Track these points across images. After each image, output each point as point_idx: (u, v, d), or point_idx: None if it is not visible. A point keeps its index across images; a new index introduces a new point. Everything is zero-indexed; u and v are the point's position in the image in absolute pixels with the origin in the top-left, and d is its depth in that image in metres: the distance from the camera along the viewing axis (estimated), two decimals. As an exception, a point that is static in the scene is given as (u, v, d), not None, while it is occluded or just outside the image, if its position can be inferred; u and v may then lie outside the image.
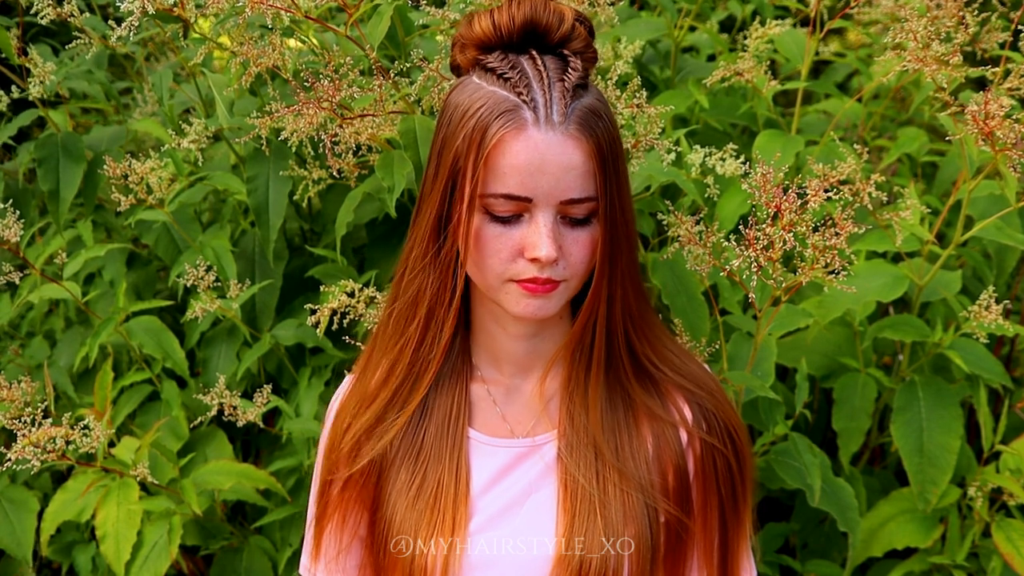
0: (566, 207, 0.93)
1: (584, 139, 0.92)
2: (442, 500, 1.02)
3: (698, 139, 1.77)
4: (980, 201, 1.59)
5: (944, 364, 1.57)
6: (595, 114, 0.93)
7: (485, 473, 1.05)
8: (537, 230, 0.92)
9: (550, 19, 0.94)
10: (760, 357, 1.41)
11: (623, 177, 0.97)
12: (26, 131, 2.12)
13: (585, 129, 0.92)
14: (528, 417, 1.07)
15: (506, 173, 0.91)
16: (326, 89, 1.23)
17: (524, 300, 0.96)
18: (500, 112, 0.91)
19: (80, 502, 1.56)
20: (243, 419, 1.52)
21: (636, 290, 1.04)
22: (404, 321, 1.04)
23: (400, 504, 1.03)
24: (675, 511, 1.02)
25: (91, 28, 1.69)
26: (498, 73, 0.93)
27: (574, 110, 0.92)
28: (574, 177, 0.92)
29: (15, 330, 2.00)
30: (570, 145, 0.91)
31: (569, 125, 0.91)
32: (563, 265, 0.95)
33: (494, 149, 0.91)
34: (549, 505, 1.02)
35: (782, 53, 1.73)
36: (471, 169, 0.92)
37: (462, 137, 0.93)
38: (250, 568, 1.65)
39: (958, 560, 1.49)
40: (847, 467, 1.56)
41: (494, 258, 0.95)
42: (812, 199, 1.12)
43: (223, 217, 1.76)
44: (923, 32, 1.31)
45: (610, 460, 1.01)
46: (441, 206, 0.96)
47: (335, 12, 1.52)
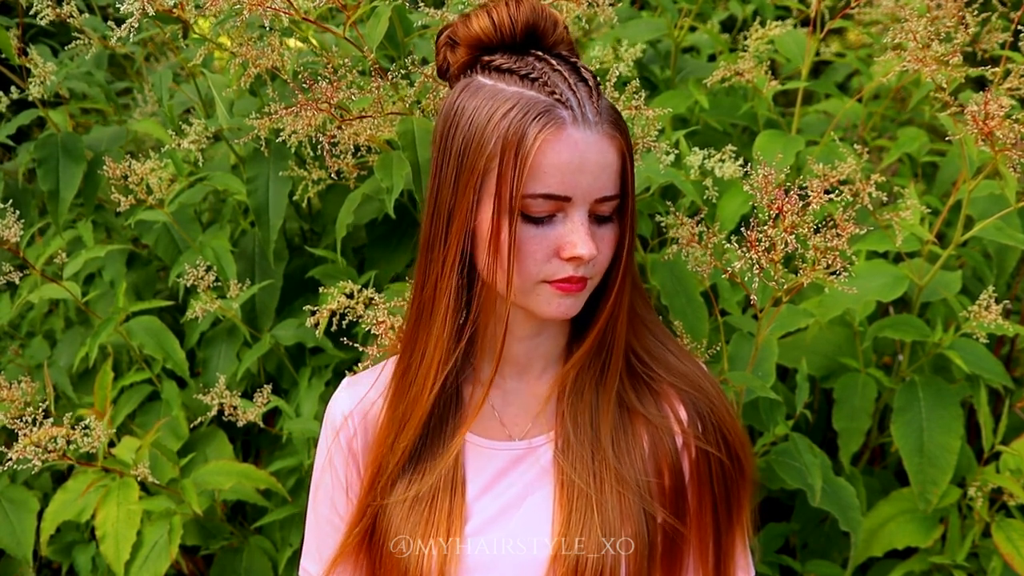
0: (598, 205, 0.93)
1: (617, 137, 0.93)
2: (438, 504, 1.02)
3: (698, 139, 1.77)
4: (980, 201, 1.59)
5: (944, 364, 1.57)
6: (618, 114, 0.95)
7: (482, 476, 1.04)
8: (576, 228, 0.92)
9: (547, 22, 0.95)
10: (761, 357, 1.41)
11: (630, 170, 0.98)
12: (26, 131, 2.12)
13: (617, 128, 0.93)
14: (525, 419, 1.07)
15: (547, 172, 0.91)
16: (325, 90, 1.23)
17: (556, 300, 0.95)
18: (537, 112, 0.90)
19: (80, 502, 1.56)
20: (243, 419, 1.52)
21: (636, 289, 1.04)
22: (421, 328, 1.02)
23: (397, 507, 1.03)
24: (670, 516, 1.02)
25: (91, 28, 1.69)
26: (521, 73, 0.93)
27: (603, 109, 0.93)
28: (609, 175, 0.93)
29: (15, 330, 2.00)
30: (606, 143, 0.92)
31: (604, 124, 0.92)
32: (592, 263, 0.95)
33: (536, 150, 0.90)
34: (546, 506, 1.02)
35: (782, 53, 1.73)
36: (512, 171, 0.90)
37: (495, 140, 0.91)
38: (250, 568, 1.65)
39: (958, 560, 1.49)
40: (847, 467, 1.56)
41: (529, 260, 0.94)
42: (814, 200, 1.12)
43: (223, 217, 1.76)
44: (923, 32, 1.31)
45: (607, 461, 1.00)
46: (467, 212, 0.94)
47: (334, 13, 1.52)
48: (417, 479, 1.03)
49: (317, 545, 1.14)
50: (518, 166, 0.90)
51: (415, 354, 1.03)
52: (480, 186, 0.93)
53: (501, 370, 1.07)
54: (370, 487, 1.05)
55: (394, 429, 1.04)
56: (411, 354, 1.04)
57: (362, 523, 1.05)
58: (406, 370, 1.05)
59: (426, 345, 1.02)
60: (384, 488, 1.04)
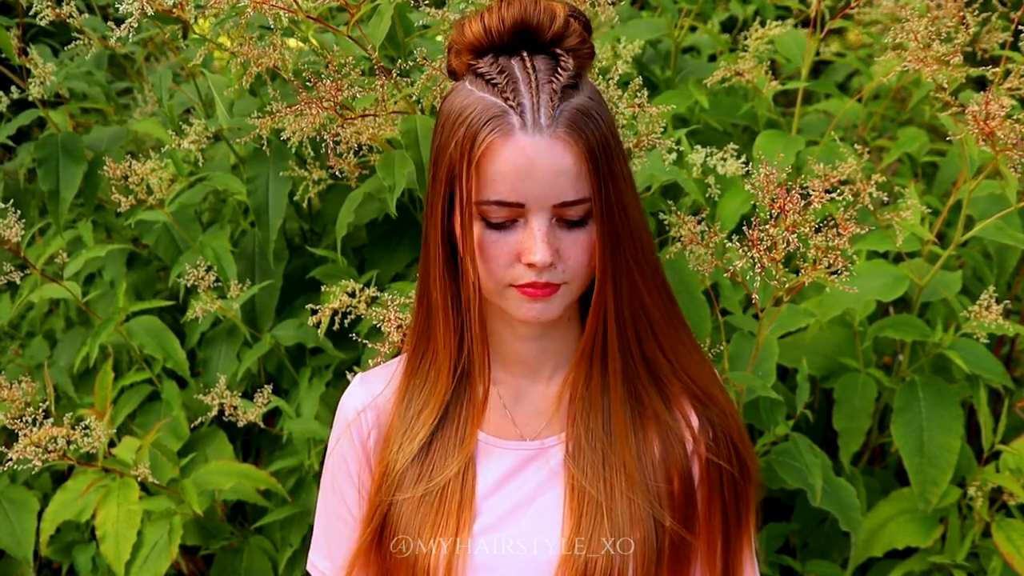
0: (561, 210, 0.91)
1: (574, 141, 0.90)
2: (447, 502, 1.02)
3: (699, 139, 1.77)
4: (980, 201, 1.59)
5: (944, 364, 1.57)
6: (585, 114, 0.91)
7: (492, 475, 1.04)
8: (532, 235, 0.91)
9: (541, 17, 0.93)
10: (761, 357, 1.41)
11: (622, 175, 0.95)
12: (26, 131, 2.12)
13: (574, 130, 0.90)
14: (537, 419, 1.06)
15: (496, 180, 0.90)
16: (328, 89, 1.23)
17: (525, 305, 0.95)
18: (488, 118, 0.90)
19: (80, 502, 1.56)
20: (243, 419, 1.52)
21: (652, 289, 1.01)
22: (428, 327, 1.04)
23: (406, 504, 1.03)
24: (678, 524, 1.01)
25: (90, 28, 1.69)
26: (487, 79, 0.92)
27: (563, 111, 0.90)
28: (566, 180, 0.90)
29: (15, 330, 2.00)
30: (559, 148, 0.89)
31: (557, 127, 0.89)
32: (562, 268, 0.94)
33: (483, 156, 0.90)
34: (555, 507, 1.02)
35: (783, 53, 1.73)
36: (464, 177, 0.91)
37: (454, 144, 0.92)
38: (250, 568, 1.65)
39: (958, 560, 1.49)
40: (848, 467, 1.56)
41: (493, 264, 0.94)
42: (815, 200, 1.12)
43: (223, 217, 1.76)
44: (923, 32, 1.31)
45: (617, 464, 1.00)
46: (443, 214, 0.96)
47: (335, 12, 1.52)
48: (427, 476, 1.03)
49: (326, 540, 1.14)
50: (469, 173, 0.91)
51: (426, 353, 1.05)
52: (448, 191, 0.95)
53: (511, 369, 1.07)
54: (380, 483, 1.06)
55: (405, 426, 1.05)
56: (421, 353, 1.06)
57: (374, 520, 1.05)
58: (416, 369, 1.06)
59: (435, 343, 1.03)
60: (394, 485, 1.04)
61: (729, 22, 2.22)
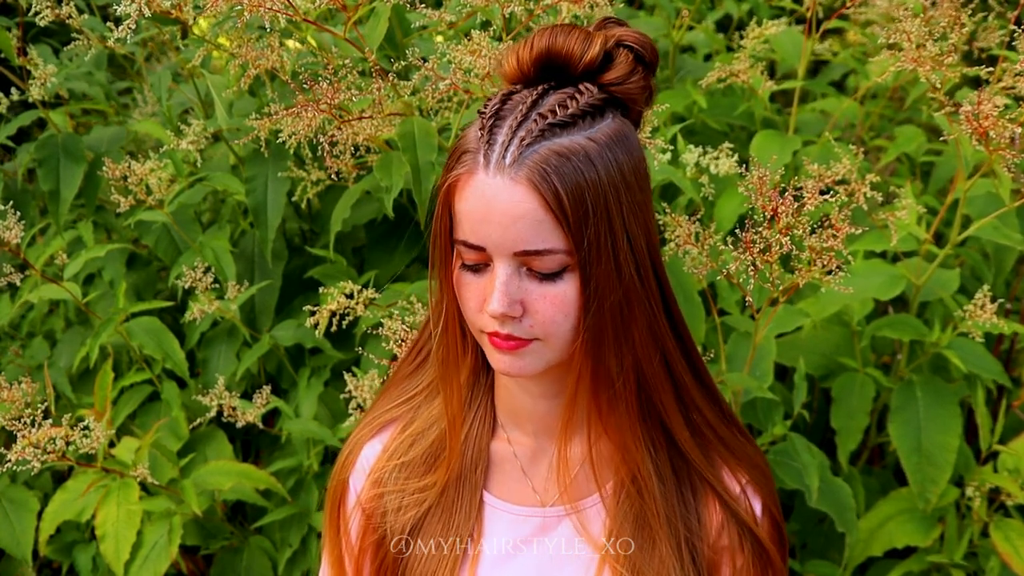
0: (525, 259, 0.81)
1: (536, 185, 0.79)
2: (447, 567, 0.96)
3: (696, 139, 1.77)
4: (977, 200, 1.60)
5: (942, 363, 1.58)
6: (564, 156, 0.79)
7: (500, 542, 0.98)
8: (492, 283, 0.83)
9: (571, 48, 0.83)
10: (758, 357, 1.41)
11: (623, 230, 0.83)
12: (26, 131, 2.13)
13: (538, 174, 0.79)
14: (554, 483, 0.98)
15: (461, 220, 0.83)
16: (325, 91, 1.23)
17: (497, 355, 0.87)
18: (461, 153, 0.83)
19: (80, 502, 1.56)
20: (243, 420, 1.52)
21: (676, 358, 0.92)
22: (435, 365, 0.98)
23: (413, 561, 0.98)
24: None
25: (90, 28, 1.70)
26: (479, 111, 0.85)
27: (533, 152, 0.79)
28: (525, 227, 0.80)
29: (15, 330, 2.01)
30: (519, 192, 0.79)
31: (519, 169, 0.79)
32: (528, 323, 0.84)
33: (451, 193, 0.84)
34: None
35: (779, 52, 1.73)
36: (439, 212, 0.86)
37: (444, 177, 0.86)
38: (250, 568, 1.66)
39: (956, 559, 1.50)
40: (846, 467, 1.56)
41: (466, 307, 0.87)
42: (808, 202, 1.12)
43: (222, 218, 1.77)
44: (917, 32, 1.31)
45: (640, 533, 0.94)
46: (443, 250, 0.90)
47: (332, 13, 1.52)
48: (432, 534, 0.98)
49: None
50: (443, 209, 0.86)
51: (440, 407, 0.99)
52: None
53: (525, 427, 0.99)
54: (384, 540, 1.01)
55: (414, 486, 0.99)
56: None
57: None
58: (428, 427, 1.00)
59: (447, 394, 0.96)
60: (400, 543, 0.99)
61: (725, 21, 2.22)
